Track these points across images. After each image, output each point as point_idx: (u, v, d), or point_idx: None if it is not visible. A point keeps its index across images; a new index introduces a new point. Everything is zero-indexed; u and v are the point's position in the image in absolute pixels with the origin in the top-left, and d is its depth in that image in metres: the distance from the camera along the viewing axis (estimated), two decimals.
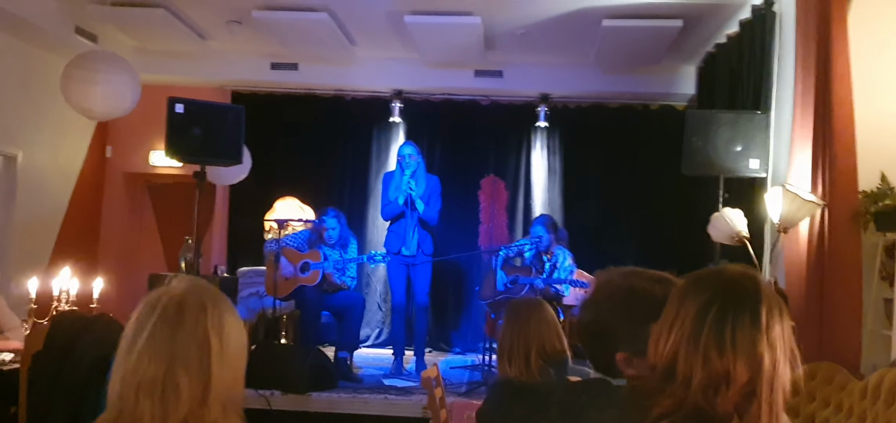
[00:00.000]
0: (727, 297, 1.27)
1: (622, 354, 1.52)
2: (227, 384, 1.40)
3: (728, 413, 1.22)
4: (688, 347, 1.25)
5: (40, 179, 7.31)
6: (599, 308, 1.61)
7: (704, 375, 1.22)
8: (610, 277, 1.64)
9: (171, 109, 4.88)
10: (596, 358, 1.64)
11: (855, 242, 4.18)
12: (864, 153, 4.21)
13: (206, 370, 1.35)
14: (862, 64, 4.31)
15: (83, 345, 2.97)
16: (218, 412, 1.37)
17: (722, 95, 6.37)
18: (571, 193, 8.32)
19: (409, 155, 6.30)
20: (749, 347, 1.23)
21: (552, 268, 6.40)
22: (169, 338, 1.35)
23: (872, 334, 4.14)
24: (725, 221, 4.89)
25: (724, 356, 1.22)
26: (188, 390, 1.33)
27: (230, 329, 1.42)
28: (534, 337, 2.59)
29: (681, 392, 1.24)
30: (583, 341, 1.66)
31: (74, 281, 4.67)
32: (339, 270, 6.26)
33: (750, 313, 1.25)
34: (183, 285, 1.42)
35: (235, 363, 1.42)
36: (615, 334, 1.55)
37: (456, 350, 7.94)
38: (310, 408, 5.15)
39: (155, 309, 1.38)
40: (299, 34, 7.15)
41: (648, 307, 1.44)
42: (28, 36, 6.72)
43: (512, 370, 2.59)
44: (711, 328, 1.24)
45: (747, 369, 1.22)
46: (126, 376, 1.35)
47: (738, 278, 1.29)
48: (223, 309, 1.42)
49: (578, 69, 7.94)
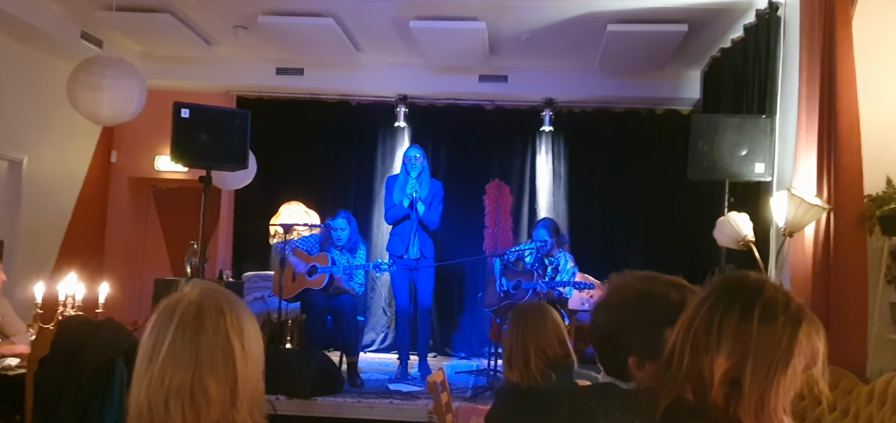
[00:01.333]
0: (725, 291, 1.29)
1: (634, 358, 1.51)
2: (252, 383, 1.41)
3: (716, 406, 1.23)
4: (683, 336, 1.28)
5: (46, 183, 7.34)
6: (614, 311, 1.61)
7: (690, 360, 1.24)
8: (626, 280, 1.64)
9: (177, 114, 4.88)
10: (608, 361, 1.63)
11: (860, 245, 4.16)
12: (870, 157, 4.20)
13: (232, 373, 1.36)
14: (867, 68, 4.30)
15: (90, 349, 2.97)
16: (246, 413, 1.38)
17: (727, 100, 6.36)
18: (576, 198, 8.32)
19: (415, 157, 6.31)
20: (732, 337, 1.24)
21: (554, 272, 6.39)
22: (192, 344, 1.35)
23: (878, 339, 4.12)
24: (731, 225, 4.88)
25: (709, 346, 1.24)
26: (217, 394, 1.34)
27: (249, 330, 1.43)
28: (532, 340, 2.59)
29: (673, 382, 1.25)
30: (595, 343, 1.66)
31: (80, 286, 4.68)
32: (346, 275, 6.24)
33: (741, 306, 1.25)
34: (197, 291, 1.42)
35: (257, 363, 1.43)
36: (629, 338, 1.55)
37: (461, 355, 7.94)
38: (315, 413, 5.15)
39: (173, 316, 1.38)
40: (305, 39, 7.16)
41: (664, 312, 1.44)
42: (34, 41, 6.75)
43: (515, 374, 2.59)
44: (703, 317, 1.26)
45: (728, 358, 1.23)
46: (152, 385, 1.34)
47: (745, 278, 1.30)
48: (240, 312, 1.43)
49: (583, 74, 7.94)
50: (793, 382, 1.25)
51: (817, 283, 4.29)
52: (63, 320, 3.69)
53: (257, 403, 1.42)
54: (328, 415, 5.18)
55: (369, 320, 8.10)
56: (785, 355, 1.24)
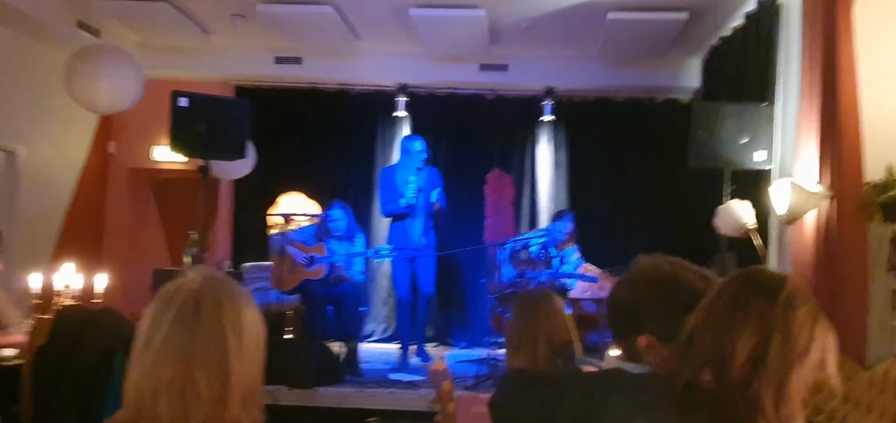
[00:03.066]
0: (748, 279, 1.31)
1: (646, 337, 1.51)
2: (247, 379, 1.39)
3: (735, 388, 1.23)
4: (705, 318, 1.30)
5: (43, 174, 7.31)
6: (636, 288, 1.61)
7: (713, 340, 1.26)
8: (655, 261, 1.64)
9: (175, 103, 4.87)
10: (619, 336, 1.63)
11: (861, 233, 4.17)
12: (871, 144, 4.20)
13: (224, 369, 1.34)
14: (867, 55, 4.29)
15: (89, 338, 2.96)
16: (238, 409, 1.36)
17: (727, 88, 6.35)
18: (577, 187, 8.31)
19: (422, 151, 6.31)
20: (758, 316, 1.25)
21: (560, 262, 6.39)
22: (186, 339, 1.33)
23: (879, 325, 4.12)
24: (732, 213, 4.88)
25: (735, 321, 1.25)
26: (207, 390, 1.32)
27: (248, 324, 1.41)
28: (542, 327, 2.58)
29: (693, 363, 1.26)
30: (611, 316, 1.66)
31: (78, 276, 4.66)
32: (346, 264, 6.23)
33: (766, 291, 1.27)
34: (198, 280, 1.40)
35: (254, 357, 1.42)
36: (645, 315, 1.55)
37: (462, 344, 7.93)
38: (317, 403, 5.15)
39: (170, 306, 1.36)
40: (303, 28, 7.13)
41: (687, 298, 1.44)
42: (30, 31, 6.71)
43: (520, 360, 2.58)
44: (728, 299, 1.28)
45: (753, 336, 1.24)
46: (143, 376, 1.33)
47: (766, 271, 1.34)
48: (240, 304, 1.41)
49: (583, 63, 7.92)
50: (810, 371, 1.28)
51: (818, 270, 4.29)
52: (61, 310, 3.68)
53: (253, 397, 1.40)
54: (330, 405, 5.17)
55: (370, 311, 8.09)
56: (806, 342, 1.26)
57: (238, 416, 1.36)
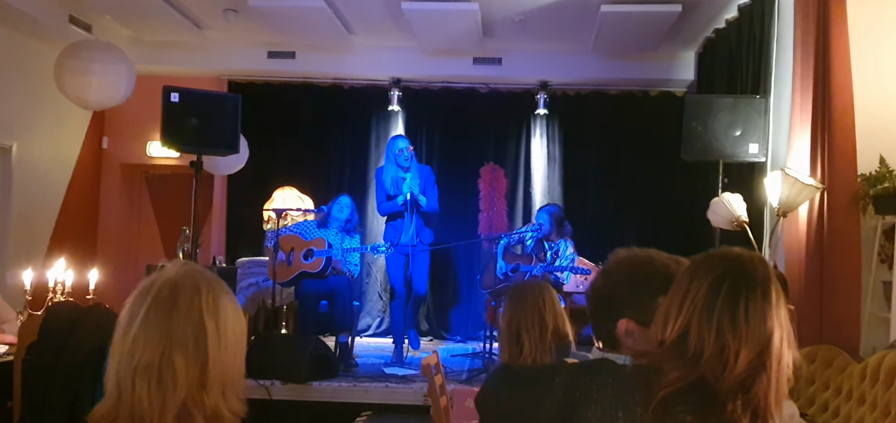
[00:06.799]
0: (739, 273, 1.28)
1: (625, 322, 1.51)
2: (226, 367, 1.38)
3: (732, 388, 1.22)
4: (700, 321, 1.26)
5: (36, 170, 7.28)
6: (613, 275, 1.62)
7: (716, 348, 1.23)
8: (630, 251, 1.65)
9: (167, 98, 4.85)
10: (599, 325, 1.64)
11: (854, 225, 4.18)
12: (863, 137, 4.22)
13: (202, 353, 1.34)
14: (861, 47, 4.31)
15: (79, 334, 2.95)
16: (217, 396, 1.35)
17: (721, 81, 6.35)
18: (571, 181, 8.31)
19: (407, 149, 6.30)
20: (760, 321, 1.23)
21: (554, 256, 6.39)
22: (163, 321, 1.33)
23: (871, 317, 4.14)
24: (725, 206, 4.89)
25: (737, 329, 1.23)
26: (185, 373, 1.31)
27: (226, 312, 1.40)
28: (549, 316, 2.58)
29: (690, 366, 1.24)
30: (590, 306, 1.67)
31: (70, 273, 4.65)
32: (342, 258, 6.22)
33: (761, 289, 1.25)
34: (176, 269, 1.41)
35: (234, 346, 1.40)
36: (623, 300, 1.55)
37: (456, 338, 7.94)
38: (310, 397, 5.13)
39: (148, 293, 1.36)
40: (296, 22, 7.11)
41: (662, 280, 1.44)
42: (21, 26, 6.67)
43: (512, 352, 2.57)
44: (724, 302, 1.25)
45: (758, 343, 1.22)
46: (122, 361, 1.33)
47: (747, 258, 1.31)
48: (218, 292, 1.41)
49: (577, 56, 7.91)
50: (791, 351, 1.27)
51: (811, 262, 4.31)
52: (51, 307, 3.66)
53: (232, 386, 1.39)
54: (324, 399, 5.16)
55: (365, 305, 8.09)
56: (788, 334, 1.26)
57: (217, 403, 1.35)
